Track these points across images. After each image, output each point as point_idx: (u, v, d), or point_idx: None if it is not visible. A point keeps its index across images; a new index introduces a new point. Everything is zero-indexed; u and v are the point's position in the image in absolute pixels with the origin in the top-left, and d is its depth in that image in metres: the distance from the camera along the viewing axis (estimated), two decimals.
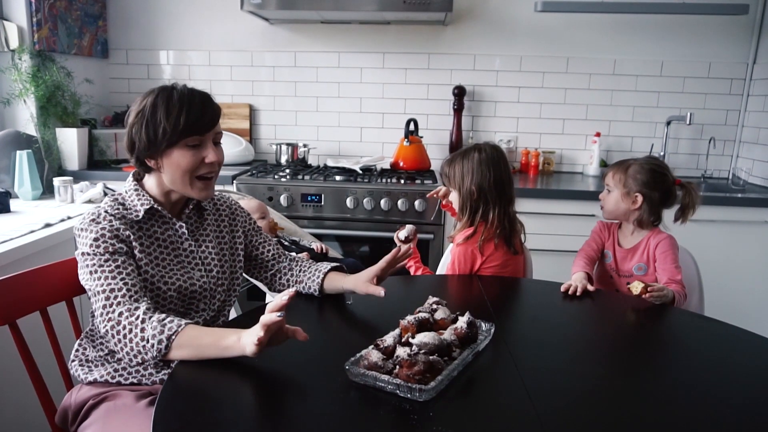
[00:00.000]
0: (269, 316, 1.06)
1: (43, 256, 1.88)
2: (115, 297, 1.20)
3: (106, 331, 1.19)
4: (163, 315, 1.18)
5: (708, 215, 2.63)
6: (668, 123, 3.12)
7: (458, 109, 3.15)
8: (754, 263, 2.69)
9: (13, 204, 2.33)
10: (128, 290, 1.21)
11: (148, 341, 1.14)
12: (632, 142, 3.23)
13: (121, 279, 1.22)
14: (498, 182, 1.78)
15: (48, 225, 2.06)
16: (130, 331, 1.16)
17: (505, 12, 3.12)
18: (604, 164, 3.16)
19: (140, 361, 1.18)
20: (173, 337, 1.13)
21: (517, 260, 1.86)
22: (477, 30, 3.15)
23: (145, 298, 1.23)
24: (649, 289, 1.57)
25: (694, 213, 1.80)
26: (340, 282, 1.48)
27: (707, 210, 2.62)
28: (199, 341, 1.14)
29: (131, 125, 1.28)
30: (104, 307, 1.20)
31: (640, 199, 1.77)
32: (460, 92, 3.13)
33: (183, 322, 1.16)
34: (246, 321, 1.42)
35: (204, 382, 1.11)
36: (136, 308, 1.19)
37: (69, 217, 2.18)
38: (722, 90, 3.12)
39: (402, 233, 1.90)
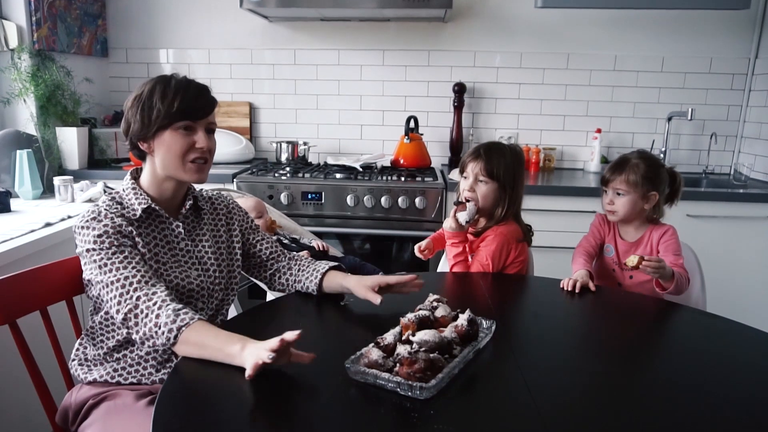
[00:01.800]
0: (280, 342, 1.04)
1: (43, 255, 1.88)
2: (131, 284, 1.21)
3: (124, 316, 1.19)
4: (180, 305, 1.19)
5: (710, 211, 2.63)
6: (669, 119, 3.11)
7: (458, 106, 3.14)
8: (756, 259, 2.68)
9: (14, 203, 2.33)
10: (142, 276, 1.22)
11: (160, 327, 1.15)
12: (633, 139, 3.22)
13: (133, 267, 1.23)
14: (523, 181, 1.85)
15: (48, 224, 2.06)
16: (146, 315, 1.18)
17: (504, 8, 3.11)
18: (605, 160, 3.15)
19: (151, 345, 1.18)
20: (183, 328, 1.14)
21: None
22: (477, 27, 3.15)
23: (160, 283, 1.24)
24: (647, 258, 1.58)
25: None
26: (341, 280, 1.47)
27: (709, 206, 2.62)
28: (205, 341, 1.13)
29: (128, 109, 1.32)
30: (121, 295, 1.20)
31: (655, 196, 1.78)
32: (460, 89, 3.12)
33: (196, 316, 1.17)
34: (246, 319, 1.42)
35: (204, 382, 1.10)
36: (154, 293, 1.20)
37: (69, 217, 2.18)
38: (724, 85, 3.11)
39: (463, 216, 1.75)
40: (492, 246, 1.77)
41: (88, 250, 1.25)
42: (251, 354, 1.06)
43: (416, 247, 1.88)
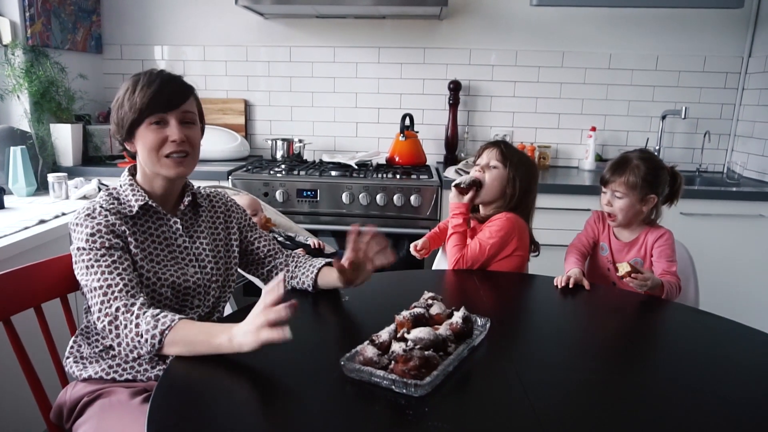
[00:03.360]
0: (276, 312, 1.04)
1: (37, 252, 1.87)
2: (113, 292, 1.20)
3: (104, 326, 1.19)
4: (158, 310, 1.18)
5: (703, 209, 2.64)
6: (663, 117, 3.12)
7: (454, 104, 3.14)
8: (749, 257, 2.69)
9: (7, 200, 2.31)
10: (125, 285, 1.21)
11: (142, 336, 1.15)
12: (627, 137, 3.23)
13: (118, 274, 1.22)
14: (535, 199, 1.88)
15: (42, 221, 2.05)
16: (126, 326, 1.17)
17: (500, 6, 3.11)
18: (599, 158, 3.16)
19: (136, 356, 1.19)
20: (166, 332, 1.13)
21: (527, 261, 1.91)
22: (472, 24, 3.15)
23: (142, 293, 1.23)
24: (633, 275, 1.57)
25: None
26: (333, 275, 1.47)
27: (702, 204, 2.64)
28: (191, 338, 1.13)
29: (111, 111, 1.32)
30: (102, 303, 1.20)
31: (654, 200, 1.76)
32: (455, 87, 3.12)
33: (177, 317, 1.16)
34: (241, 317, 1.42)
35: (199, 378, 1.10)
36: (132, 303, 1.19)
37: (63, 213, 2.17)
38: (717, 84, 3.13)
39: (458, 179, 1.83)
40: (495, 228, 1.77)
41: (79, 249, 1.25)
42: (245, 341, 1.06)
43: (412, 246, 1.88)
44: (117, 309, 1.18)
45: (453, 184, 1.85)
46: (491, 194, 1.83)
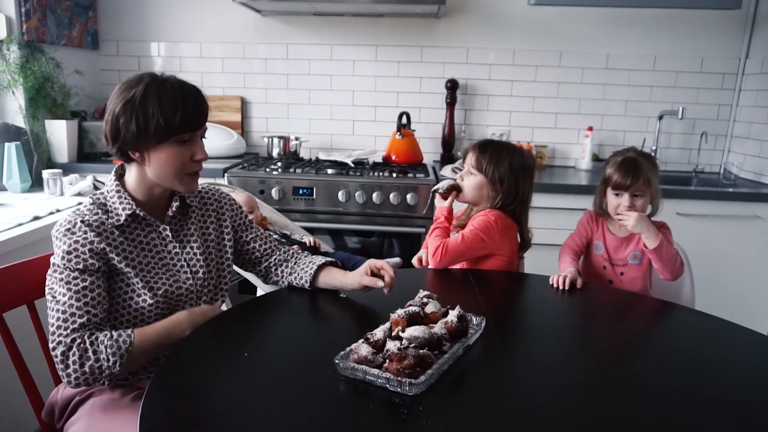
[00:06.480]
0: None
1: (31, 249, 1.86)
2: (73, 321, 1.16)
3: (56, 353, 1.15)
4: (112, 333, 1.17)
5: (699, 210, 2.64)
6: (660, 117, 3.12)
7: (451, 103, 3.14)
8: (745, 258, 2.70)
9: (2, 196, 2.31)
10: (88, 320, 1.17)
11: (104, 361, 1.14)
12: (624, 137, 3.23)
13: (85, 303, 1.18)
14: (529, 193, 1.86)
15: (36, 218, 2.04)
16: (81, 356, 1.14)
17: (498, 5, 3.11)
18: (596, 158, 3.16)
19: (89, 384, 1.17)
20: (129, 348, 1.16)
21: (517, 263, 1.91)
22: (470, 23, 3.14)
23: (106, 329, 1.20)
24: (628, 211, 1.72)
25: None
26: (341, 276, 1.45)
27: (699, 204, 2.64)
28: (154, 341, 1.22)
29: (117, 115, 1.20)
30: (59, 327, 1.16)
31: (659, 190, 1.81)
32: (452, 85, 3.12)
33: (130, 331, 1.19)
34: (236, 315, 1.41)
35: (191, 377, 1.10)
36: (91, 335, 1.16)
37: (58, 210, 2.16)
38: (715, 84, 3.13)
39: (439, 185, 1.88)
40: (476, 222, 1.78)
41: (54, 264, 1.21)
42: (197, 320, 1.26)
43: (416, 260, 1.92)
44: (73, 341, 1.15)
45: (432, 189, 1.93)
46: (470, 199, 1.87)
